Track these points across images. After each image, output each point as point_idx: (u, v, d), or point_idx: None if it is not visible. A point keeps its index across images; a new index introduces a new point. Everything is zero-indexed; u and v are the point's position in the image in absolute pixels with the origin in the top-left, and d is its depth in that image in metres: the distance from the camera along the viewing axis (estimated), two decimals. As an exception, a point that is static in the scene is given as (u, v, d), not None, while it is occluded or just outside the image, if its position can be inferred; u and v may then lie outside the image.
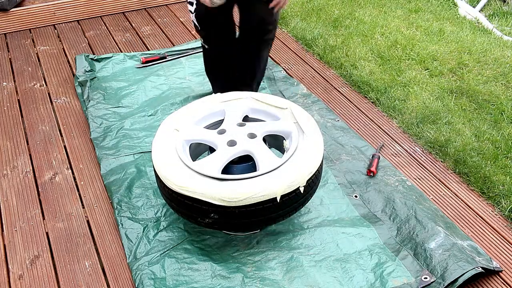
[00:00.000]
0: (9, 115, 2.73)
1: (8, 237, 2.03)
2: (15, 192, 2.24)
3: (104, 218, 2.11)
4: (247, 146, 1.83)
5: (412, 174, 2.30)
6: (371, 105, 2.76)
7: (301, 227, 2.00)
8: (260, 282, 1.80)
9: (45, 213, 2.14)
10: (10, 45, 3.40)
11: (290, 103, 2.03)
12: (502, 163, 2.31)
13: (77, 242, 2.00)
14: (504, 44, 3.28)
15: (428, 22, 3.58)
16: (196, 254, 1.90)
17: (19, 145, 2.51)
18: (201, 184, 1.68)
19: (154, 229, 2.00)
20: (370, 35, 3.40)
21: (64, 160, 2.42)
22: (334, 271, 1.82)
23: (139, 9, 3.83)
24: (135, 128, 2.56)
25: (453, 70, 3.02)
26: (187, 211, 1.77)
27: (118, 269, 1.90)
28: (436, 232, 1.94)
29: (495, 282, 1.82)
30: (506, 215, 2.07)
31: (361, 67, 3.04)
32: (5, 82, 3.01)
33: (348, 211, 2.08)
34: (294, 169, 1.73)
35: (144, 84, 2.90)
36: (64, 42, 3.42)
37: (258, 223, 1.83)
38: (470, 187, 2.22)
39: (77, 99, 2.84)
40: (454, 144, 2.41)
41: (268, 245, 1.94)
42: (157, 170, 1.78)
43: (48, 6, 3.60)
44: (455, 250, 1.86)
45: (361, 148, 2.42)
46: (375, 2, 3.92)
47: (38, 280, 1.86)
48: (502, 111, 2.65)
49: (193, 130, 1.93)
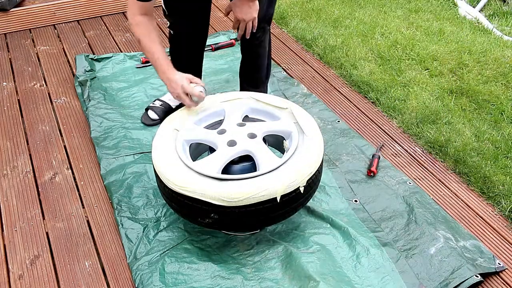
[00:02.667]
0: (9, 115, 2.73)
1: (8, 237, 2.03)
2: (15, 192, 2.24)
3: (104, 218, 2.11)
4: (247, 146, 1.83)
5: (412, 174, 2.30)
6: (371, 105, 2.76)
7: (300, 228, 2.00)
8: (259, 282, 1.80)
9: (45, 213, 2.14)
10: (10, 45, 3.40)
11: (290, 103, 2.03)
12: (502, 163, 2.31)
13: (77, 242, 2.01)
14: (504, 44, 3.28)
15: (428, 22, 3.58)
16: (196, 254, 1.90)
17: (19, 145, 2.51)
18: (201, 184, 1.68)
19: (154, 229, 2.00)
20: (370, 35, 3.40)
21: (64, 160, 2.42)
22: (333, 274, 1.82)
23: (139, 9, 3.83)
24: (135, 128, 2.56)
25: (453, 70, 3.02)
26: (187, 211, 1.77)
27: (118, 269, 1.90)
28: (435, 237, 1.94)
29: (495, 282, 1.82)
30: (506, 215, 2.07)
31: (361, 67, 3.04)
32: (5, 82, 3.01)
33: (347, 215, 2.08)
34: (294, 169, 1.73)
35: (144, 84, 2.90)
36: (64, 42, 3.42)
37: (258, 223, 1.83)
38: (470, 187, 2.22)
39: (77, 99, 2.84)
40: (454, 144, 2.41)
41: (268, 245, 1.94)
42: (157, 170, 1.78)
43: (48, 6, 3.60)
44: (455, 255, 1.86)
45: (361, 148, 2.42)
46: (375, 2, 3.92)
47: (38, 280, 1.86)
48: (502, 111, 2.65)
49: (193, 130, 1.93)
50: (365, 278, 1.80)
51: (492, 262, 1.86)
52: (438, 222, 2.01)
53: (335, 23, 3.58)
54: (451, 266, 1.83)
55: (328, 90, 2.89)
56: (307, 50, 3.29)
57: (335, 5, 3.85)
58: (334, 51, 3.21)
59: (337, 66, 3.09)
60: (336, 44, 3.29)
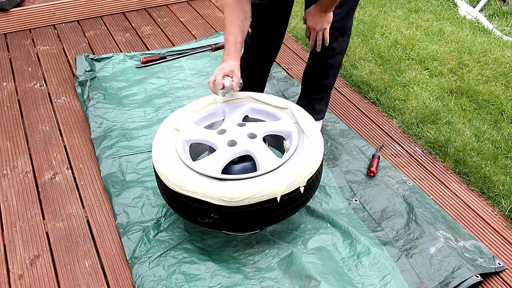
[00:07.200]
0: (9, 115, 2.73)
1: (8, 237, 2.03)
2: (15, 192, 2.24)
3: (104, 218, 2.11)
4: (247, 146, 1.83)
5: (412, 174, 2.30)
6: (371, 105, 2.76)
7: (301, 228, 2.01)
8: (260, 281, 1.80)
9: (45, 213, 2.14)
10: (10, 45, 3.40)
11: (290, 103, 2.03)
12: (502, 163, 2.31)
13: (77, 242, 2.00)
14: (504, 44, 3.28)
15: (428, 22, 3.58)
16: (196, 254, 1.90)
17: (19, 145, 2.51)
18: (201, 184, 1.68)
19: (154, 229, 2.00)
20: (370, 35, 3.40)
21: (64, 160, 2.42)
22: (334, 273, 1.82)
23: (139, 9, 3.83)
24: (135, 128, 2.56)
25: (453, 70, 3.02)
26: (187, 211, 1.77)
27: (118, 269, 1.90)
28: (436, 237, 1.94)
29: (495, 282, 1.82)
30: (506, 215, 2.07)
31: (361, 67, 3.04)
32: (5, 82, 3.01)
33: (347, 214, 2.08)
34: (294, 169, 1.73)
35: (145, 84, 2.90)
36: (64, 42, 3.42)
37: (258, 223, 1.82)
38: (470, 187, 2.22)
39: (77, 99, 2.84)
40: (454, 144, 2.41)
41: (268, 245, 1.94)
42: (157, 170, 1.78)
43: (48, 6, 3.60)
44: (455, 255, 1.86)
45: (361, 148, 2.42)
46: (375, 2, 3.92)
47: (38, 280, 1.86)
48: (502, 111, 2.65)
49: (193, 130, 1.93)
50: (366, 277, 1.81)
51: (492, 262, 1.86)
52: (438, 222, 2.02)
53: (335, 23, 3.57)
54: (451, 266, 1.83)
55: (328, 90, 2.89)
56: (307, 50, 3.29)
57: (335, 5, 3.85)
58: (334, 51, 3.20)
59: (337, 66, 3.09)
60: (336, 44, 3.28)
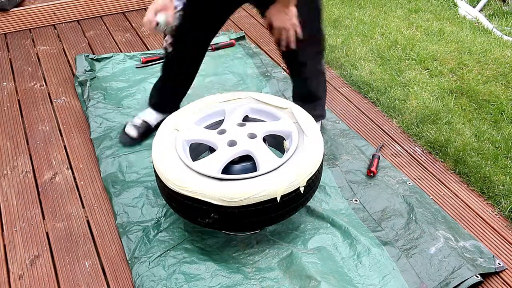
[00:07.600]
0: (9, 115, 2.73)
1: (8, 237, 2.03)
2: (15, 192, 2.24)
3: (104, 218, 2.11)
4: (247, 146, 1.83)
5: (412, 174, 2.30)
6: (371, 105, 2.76)
7: (301, 228, 2.00)
8: (260, 281, 1.80)
9: (45, 213, 2.14)
10: (10, 45, 3.40)
11: (290, 103, 2.03)
12: (502, 163, 2.31)
13: (77, 242, 2.00)
14: (504, 44, 3.28)
15: (428, 22, 3.58)
16: (196, 254, 1.90)
17: (19, 145, 2.51)
18: (201, 184, 1.68)
19: (154, 229, 2.00)
20: (370, 35, 3.40)
21: (64, 160, 2.42)
22: (334, 273, 1.82)
23: (139, 9, 3.83)
24: (135, 128, 2.56)
25: (453, 70, 3.02)
26: (187, 211, 1.77)
27: (118, 269, 1.90)
28: (436, 237, 1.94)
29: (495, 282, 1.82)
30: (506, 215, 2.07)
31: (361, 67, 3.04)
32: (5, 82, 3.01)
33: (347, 214, 2.08)
34: (294, 169, 1.73)
35: (145, 84, 2.90)
36: (64, 42, 3.42)
37: (258, 223, 1.82)
38: (470, 187, 2.22)
39: (77, 99, 2.84)
40: (454, 144, 2.41)
41: (268, 245, 1.94)
42: (157, 170, 1.78)
43: (48, 6, 3.60)
44: (455, 255, 1.86)
45: (361, 148, 2.42)
46: (375, 2, 3.92)
47: (38, 280, 1.86)
48: (502, 111, 2.65)
49: (193, 130, 1.93)
50: (366, 277, 1.81)
51: (492, 262, 1.86)
52: (438, 222, 2.01)
53: (335, 23, 3.58)
54: (451, 266, 1.83)
55: (328, 90, 2.87)
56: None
57: (335, 5, 3.85)
58: (334, 51, 3.21)
59: (337, 66, 3.09)
60: (336, 44, 3.29)
